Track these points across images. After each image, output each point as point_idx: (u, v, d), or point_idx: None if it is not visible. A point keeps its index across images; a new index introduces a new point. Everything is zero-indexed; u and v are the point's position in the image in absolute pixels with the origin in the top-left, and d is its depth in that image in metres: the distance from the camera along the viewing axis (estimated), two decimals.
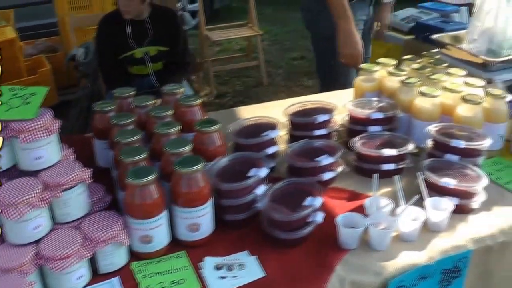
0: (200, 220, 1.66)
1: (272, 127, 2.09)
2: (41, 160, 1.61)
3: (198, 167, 1.62)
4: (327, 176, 1.97)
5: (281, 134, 2.13)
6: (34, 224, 1.53)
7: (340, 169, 2.01)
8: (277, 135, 2.07)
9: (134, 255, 1.66)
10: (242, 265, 1.62)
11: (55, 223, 1.62)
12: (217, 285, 1.55)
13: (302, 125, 2.16)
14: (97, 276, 1.60)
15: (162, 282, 1.56)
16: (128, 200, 1.60)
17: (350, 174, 2.08)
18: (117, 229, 1.57)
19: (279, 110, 2.27)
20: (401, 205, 1.79)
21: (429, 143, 2.07)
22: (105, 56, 3.58)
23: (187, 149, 1.70)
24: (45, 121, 1.58)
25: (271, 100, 2.92)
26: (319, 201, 1.72)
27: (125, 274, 1.61)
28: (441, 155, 2.01)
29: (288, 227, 1.66)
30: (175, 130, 1.83)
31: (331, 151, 1.99)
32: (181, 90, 2.13)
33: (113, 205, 1.79)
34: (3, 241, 1.56)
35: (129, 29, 3.44)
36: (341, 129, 2.28)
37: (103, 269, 1.60)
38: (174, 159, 1.66)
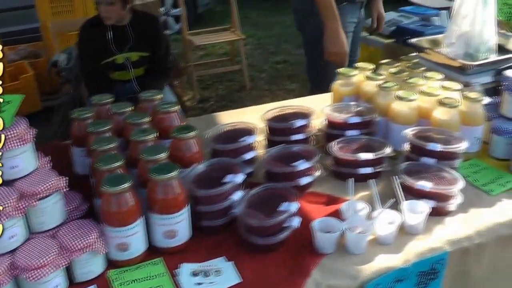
0: (177, 226, 1.67)
1: (250, 132, 2.10)
2: (16, 169, 1.60)
3: (173, 174, 1.62)
4: (304, 181, 1.98)
5: (259, 140, 2.14)
6: (10, 233, 1.53)
7: (317, 173, 2.03)
8: (254, 140, 2.08)
9: (111, 263, 1.66)
10: (219, 271, 1.62)
11: (31, 232, 1.61)
12: None
13: (279, 130, 2.17)
14: (73, 284, 1.60)
15: None
16: (104, 208, 1.60)
17: (328, 178, 2.09)
18: (93, 237, 1.57)
19: (260, 115, 2.27)
20: (377, 208, 1.81)
21: (406, 146, 2.08)
22: (86, 61, 3.57)
23: (163, 156, 1.71)
24: (19, 130, 1.57)
25: (254, 104, 2.93)
26: (295, 206, 1.73)
27: (102, 282, 1.61)
28: (417, 158, 2.03)
29: (264, 232, 1.66)
30: (151, 137, 1.83)
31: (308, 156, 2.00)
32: (158, 97, 2.14)
33: (91, 213, 1.78)
34: None
35: (110, 34, 3.43)
36: (319, 133, 2.29)
37: (79, 277, 1.60)
38: (150, 166, 1.67)
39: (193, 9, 7.39)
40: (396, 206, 1.81)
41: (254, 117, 2.30)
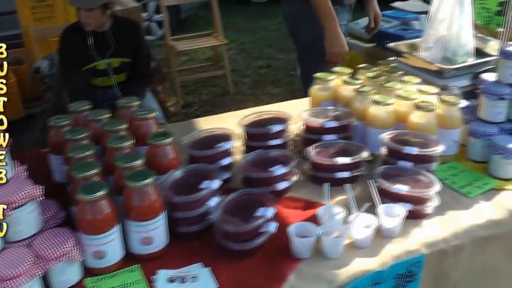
0: (153, 233, 1.66)
1: (227, 138, 2.10)
2: None
3: (148, 181, 1.62)
4: (281, 186, 1.98)
5: (236, 145, 2.14)
6: None
7: (294, 178, 2.03)
8: (231, 146, 2.08)
9: (88, 271, 1.65)
10: (196, 277, 1.62)
11: (7, 241, 1.60)
12: None
13: (257, 135, 2.17)
14: None
15: None
16: (80, 216, 1.60)
17: (305, 183, 2.09)
18: (69, 245, 1.57)
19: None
20: (353, 212, 1.82)
21: (383, 150, 2.09)
22: (68, 68, 3.55)
23: (139, 162, 1.71)
24: None
25: (238, 109, 2.93)
26: (271, 212, 1.73)
27: None
28: (395, 162, 2.04)
29: (240, 238, 1.67)
30: (127, 144, 1.83)
31: (285, 161, 2.01)
32: (136, 103, 2.13)
33: (69, 221, 1.77)
34: None
35: (91, 40, 3.42)
36: (297, 138, 2.30)
37: (56, 286, 1.60)
38: (126, 173, 1.66)
39: (176, 14, 7.36)
40: (373, 210, 1.82)
41: (236, 122, 2.30)
